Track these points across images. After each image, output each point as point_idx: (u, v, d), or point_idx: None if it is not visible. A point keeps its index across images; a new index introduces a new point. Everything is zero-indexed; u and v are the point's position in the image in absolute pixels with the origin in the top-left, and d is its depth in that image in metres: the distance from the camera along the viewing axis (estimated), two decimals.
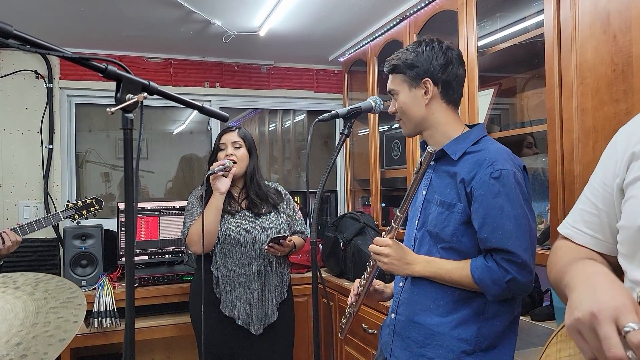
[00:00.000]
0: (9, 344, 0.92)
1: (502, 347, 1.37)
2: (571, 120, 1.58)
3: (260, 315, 2.18)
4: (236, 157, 2.19)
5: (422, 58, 1.43)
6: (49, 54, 0.85)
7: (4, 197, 2.89)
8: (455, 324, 1.37)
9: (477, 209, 1.32)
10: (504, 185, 1.29)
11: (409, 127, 1.49)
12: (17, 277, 1.17)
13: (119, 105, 0.93)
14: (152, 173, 3.43)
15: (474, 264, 1.33)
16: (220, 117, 1.16)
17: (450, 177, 1.40)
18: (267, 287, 2.20)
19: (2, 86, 2.89)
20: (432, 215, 1.42)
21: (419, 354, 1.40)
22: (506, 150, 1.38)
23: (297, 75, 3.53)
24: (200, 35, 2.79)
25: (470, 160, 1.37)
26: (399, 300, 1.50)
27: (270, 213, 2.25)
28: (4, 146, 2.90)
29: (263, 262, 2.20)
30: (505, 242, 1.28)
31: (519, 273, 1.28)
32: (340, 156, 3.60)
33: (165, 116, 3.45)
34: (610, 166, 0.94)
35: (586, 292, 0.75)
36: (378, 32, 2.74)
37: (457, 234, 1.36)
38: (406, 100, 1.45)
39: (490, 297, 1.33)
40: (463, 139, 1.42)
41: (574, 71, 1.56)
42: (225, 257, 2.19)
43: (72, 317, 1.00)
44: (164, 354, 3.12)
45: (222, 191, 2.14)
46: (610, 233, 0.95)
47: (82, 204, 2.45)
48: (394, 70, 1.47)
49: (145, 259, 2.84)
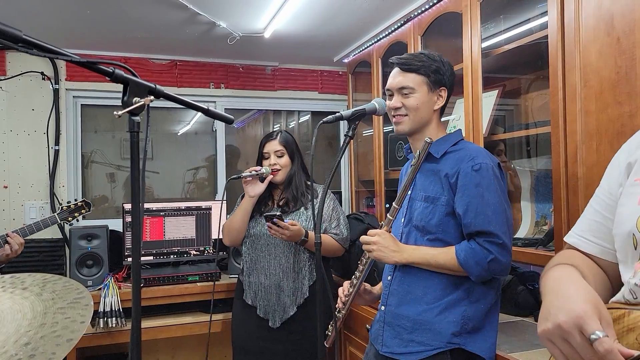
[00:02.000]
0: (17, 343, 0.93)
1: (486, 329, 1.48)
2: (575, 122, 1.58)
3: (278, 309, 2.26)
4: (279, 165, 2.31)
5: (445, 69, 1.57)
6: (58, 58, 0.86)
7: (11, 198, 2.92)
8: (442, 309, 1.48)
9: (460, 197, 1.46)
10: (484, 177, 1.44)
11: (410, 125, 1.57)
12: (25, 278, 1.18)
13: (126, 109, 0.95)
14: (157, 173, 3.45)
15: (459, 247, 1.46)
16: (226, 120, 1.17)
17: (434, 174, 1.54)
18: (284, 282, 2.26)
19: (9, 87, 2.92)
20: (418, 210, 1.54)
21: (409, 339, 1.50)
22: (483, 149, 1.56)
23: (302, 76, 3.54)
24: (206, 37, 2.81)
25: (452, 157, 1.52)
26: (388, 292, 1.60)
27: (298, 211, 2.31)
28: (11, 147, 2.92)
29: (282, 258, 2.27)
30: (487, 225, 1.42)
31: (499, 253, 1.41)
32: (344, 157, 3.61)
33: (170, 117, 3.47)
34: (614, 176, 0.97)
35: (552, 301, 0.79)
36: (382, 33, 2.74)
37: (442, 224, 1.49)
38: (424, 99, 1.55)
39: (473, 278, 1.45)
40: (443, 141, 1.57)
41: (578, 73, 1.57)
42: (249, 250, 2.35)
43: (80, 317, 1.01)
44: (169, 354, 3.14)
45: (251, 195, 2.28)
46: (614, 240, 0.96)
47: (74, 206, 2.51)
48: (417, 70, 1.54)
49: (150, 259, 2.86)
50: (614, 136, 1.45)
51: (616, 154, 1.00)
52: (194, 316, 2.73)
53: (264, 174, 2.25)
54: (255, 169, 2.26)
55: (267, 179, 2.27)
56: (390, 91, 1.59)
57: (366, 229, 2.72)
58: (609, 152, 1.47)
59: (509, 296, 1.98)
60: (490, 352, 1.48)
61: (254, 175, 2.24)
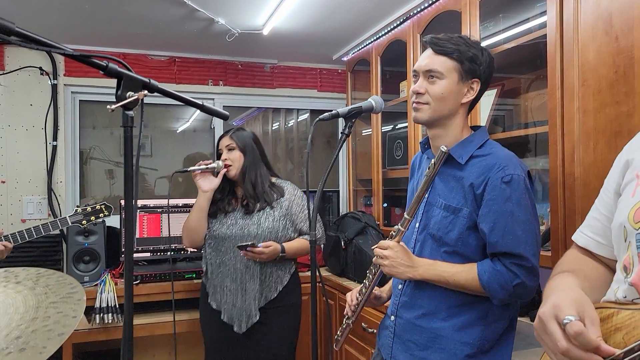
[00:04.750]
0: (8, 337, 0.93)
1: (501, 346, 1.38)
2: (572, 121, 1.58)
3: (243, 313, 2.18)
4: (230, 159, 2.24)
5: (482, 59, 1.39)
6: (51, 51, 0.86)
7: (9, 193, 2.92)
8: (458, 327, 1.36)
9: (486, 213, 1.31)
10: (515, 191, 1.29)
11: (430, 115, 1.40)
12: (19, 272, 1.18)
13: (119, 103, 0.94)
14: (156, 170, 3.45)
15: (481, 267, 1.33)
16: (221, 116, 1.17)
17: (456, 181, 1.38)
18: (248, 286, 2.19)
19: (8, 82, 2.91)
20: (436, 218, 1.40)
21: (421, 357, 1.40)
22: (514, 156, 1.38)
23: (301, 74, 3.53)
24: (204, 34, 2.80)
25: (479, 164, 1.36)
26: (398, 302, 1.49)
27: (264, 210, 2.23)
28: (9, 142, 2.92)
29: (248, 261, 2.19)
30: (515, 246, 1.28)
31: (527, 277, 1.29)
32: (342, 156, 3.61)
33: (169, 114, 3.46)
34: (612, 175, 1.00)
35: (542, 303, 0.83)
36: (382, 31, 2.74)
37: (462, 238, 1.35)
38: (451, 89, 1.37)
39: (496, 302, 1.33)
40: (468, 142, 1.40)
41: (576, 72, 1.56)
42: (213, 252, 2.27)
43: (72, 312, 1.01)
44: (165, 350, 3.14)
45: (204, 189, 2.22)
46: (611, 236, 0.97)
47: (92, 209, 2.44)
48: (450, 54, 1.36)
49: (147, 255, 2.85)
50: (611, 136, 1.45)
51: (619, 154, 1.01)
52: (190, 313, 2.72)
53: (214, 168, 2.20)
54: (205, 162, 2.22)
55: (220, 173, 2.22)
56: (416, 73, 1.42)
57: (363, 228, 2.73)
58: (606, 152, 1.46)
59: None
60: None
61: (204, 169, 2.19)
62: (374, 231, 2.70)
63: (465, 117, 1.43)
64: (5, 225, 2.87)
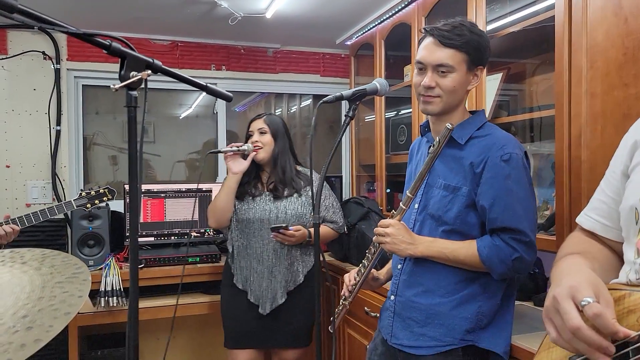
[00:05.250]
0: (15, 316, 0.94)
1: (500, 323, 1.42)
2: (580, 104, 1.56)
3: (269, 296, 2.24)
4: (261, 142, 2.28)
5: (485, 45, 1.41)
6: (54, 29, 0.85)
7: (13, 177, 2.92)
8: (456, 304, 1.40)
9: (486, 190, 1.35)
10: (514, 169, 1.33)
11: (442, 107, 1.42)
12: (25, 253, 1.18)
13: (123, 83, 0.94)
14: (159, 156, 3.45)
15: (481, 243, 1.37)
16: (224, 97, 1.16)
17: (455, 162, 1.42)
18: (276, 269, 2.25)
19: (11, 67, 2.90)
20: (435, 199, 1.44)
21: (420, 333, 1.44)
22: (512, 136, 1.43)
23: (304, 59, 3.51)
24: (207, 17, 2.78)
25: (478, 144, 1.40)
26: (398, 282, 1.52)
27: (292, 196, 2.29)
28: (13, 127, 2.91)
29: (275, 244, 2.25)
30: (515, 222, 1.32)
31: (525, 252, 1.33)
32: (345, 141, 3.59)
33: (172, 99, 3.45)
34: (618, 156, 0.99)
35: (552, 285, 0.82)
36: (386, 14, 2.71)
37: (461, 216, 1.39)
38: (462, 80, 1.39)
39: (495, 276, 1.37)
40: (467, 124, 1.45)
41: (584, 55, 1.54)
42: (240, 234, 2.30)
43: (77, 291, 1.01)
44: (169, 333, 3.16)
45: (234, 171, 2.23)
46: (618, 219, 0.97)
47: (95, 193, 2.47)
48: (459, 46, 1.36)
49: (151, 240, 2.86)
50: (619, 119, 1.44)
51: (625, 135, 1.00)
52: (193, 297, 2.74)
53: (245, 150, 2.23)
54: (237, 144, 2.24)
55: (250, 156, 2.24)
56: (422, 65, 1.42)
57: (366, 213, 2.72)
58: (614, 135, 1.45)
59: None
60: (505, 347, 1.42)
61: (235, 151, 2.22)
62: (377, 216, 2.69)
63: (464, 102, 1.49)
64: (10, 209, 2.88)
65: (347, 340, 2.61)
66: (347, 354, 2.62)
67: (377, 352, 1.59)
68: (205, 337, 3.19)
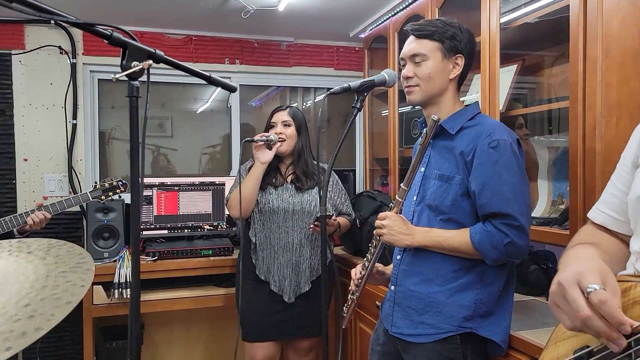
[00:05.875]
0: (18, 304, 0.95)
1: (499, 312, 1.44)
2: (594, 95, 1.52)
3: (293, 285, 2.28)
4: (285, 135, 2.30)
5: (462, 36, 1.48)
6: (53, 19, 0.85)
7: (31, 170, 2.97)
8: (454, 291, 1.43)
9: (476, 176, 1.39)
10: (502, 155, 1.37)
11: (424, 95, 1.49)
12: (31, 243, 1.20)
13: (124, 72, 0.94)
14: (175, 150, 3.48)
15: (473, 229, 1.40)
16: (228, 88, 1.16)
17: (448, 152, 1.47)
18: (301, 259, 2.29)
19: (28, 61, 2.95)
20: (431, 189, 1.48)
21: (419, 321, 1.47)
22: (502, 124, 1.47)
23: (317, 52, 3.49)
24: (220, 11, 2.78)
25: (468, 133, 1.45)
26: (397, 272, 1.56)
27: (313, 189, 2.32)
28: (30, 120, 2.96)
29: (299, 234, 2.29)
30: (503, 206, 1.35)
31: (516, 236, 1.35)
32: (359, 135, 3.58)
33: (187, 94, 3.47)
34: (630, 149, 0.96)
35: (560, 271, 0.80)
36: (399, 6, 2.67)
37: (456, 204, 1.43)
38: (437, 68, 1.47)
39: (488, 262, 1.39)
40: (459, 115, 1.49)
41: (599, 44, 1.50)
42: (263, 225, 2.32)
43: (80, 281, 1.02)
44: (184, 325, 3.19)
45: (262, 161, 2.25)
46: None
47: (109, 185, 2.53)
48: (430, 36, 1.46)
49: (165, 232, 2.89)
50: (635, 109, 1.39)
51: (637, 126, 0.97)
52: (206, 289, 2.76)
53: (272, 140, 2.24)
54: (265, 134, 2.26)
55: (275, 147, 2.25)
56: (404, 60, 1.53)
57: (379, 207, 2.70)
58: (629, 127, 1.40)
59: (520, 275, 1.95)
60: (504, 336, 1.44)
61: (265, 141, 2.23)
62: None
63: (455, 92, 1.52)
64: (27, 202, 2.94)
65: (359, 334, 2.60)
66: (359, 348, 2.61)
67: (378, 342, 1.63)
68: (219, 329, 3.22)
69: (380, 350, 1.63)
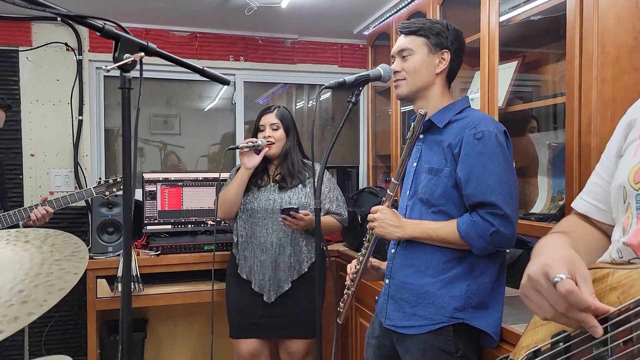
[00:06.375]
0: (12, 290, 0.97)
1: (491, 304, 1.46)
2: (590, 91, 1.52)
3: (273, 284, 2.26)
4: (274, 138, 2.29)
5: (448, 32, 1.52)
6: (45, 11, 0.87)
7: (37, 166, 3.02)
8: (445, 283, 1.45)
9: (462, 168, 1.42)
10: (486, 145, 1.39)
11: (409, 88, 1.54)
12: (29, 232, 1.23)
13: (116, 64, 0.96)
14: (182, 148, 3.51)
15: (460, 220, 1.43)
16: (222, 81, 1.18)
17: (437, 145, 1.50)
18: (280, 258, 2.26)
19: (35, 58, 2.99)
20: (422, 183, 1.50)
21: (412, 313, 1.49)
22: (489, 116, 1.51)
23: (322, 50, 3.50)
24: (223, 8, 2.80)
25: (455, 126, 1.48)
26: (392, 265, 1.58)
27: (297, 187, 2.31)
28: (37, 116, 3.01)
29: (279, 233, 2.27)
30: (488, 195, 1.37)
31: (502, 225, 1.36)
32: (362, 132, 3.59)
33: (192, 91, 3.49)
34: (614, 138, 0.98)
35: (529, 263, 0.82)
36: (402, 3, 2.68)
37: (446, 196, 1.46)
38: (422, 61, 1.51)
39: (476, 251, 1.41)
40: (448, 109, 1.53)
41: (595, 39, 1.50)
42: (244, 224, 2.33)
43: (74, 269, 1.04)
44: (187, 320, 3.22)
45: (248, 167, 2.26)
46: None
47: (113, 181, 2.56)
48: (416, 32, 1.52)
49: (168, 227, 2.92)
50: (629, 105, 1.37)
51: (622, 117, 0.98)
52: (208, 284, 2.78)
53: (259, 146, 2.25)
54: (252, 140, 2.26)
55: (263, 152, 2.26)
56: (394, 57, 1.58)
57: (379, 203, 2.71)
58: None
59: (517, 270, 1.94)
60: (495, 328, 1.46)
61: (250, 147, 2.24)
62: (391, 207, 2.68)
63: (443, 87, 1.55)
64: (34, 196, 2.99)
65: (359, 329, 2.62)
66: (359, 343, 2.62)
67: (374, 335, 1.65)
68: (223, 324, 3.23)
69: (375, 343, 1.65)
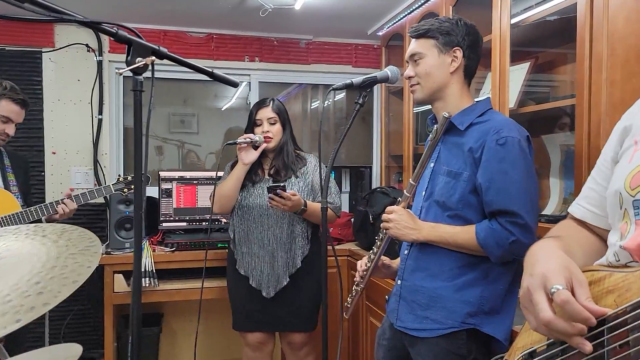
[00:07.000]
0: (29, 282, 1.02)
1: (503, 310, 1.43)
2: (600, 93, 1.52)
3: (271, 279, 2.28)
4: (272, 132, 2.30)
5: (457, 29, 1.49)
6: (62, 18, 0.92)
7: (58, 163, 3.11)
8: (458, 287, 1.43)
9: (482, 173, 1.39)
10: (509, 152, 1.36)
11: (425, 92, 1.52)
12: (47, 227, 1.28)
13: (128, 67, 1.00)
14: (199, 146, 3.57)
15: (479, 226, 1.40)
16: (230, 83, 1.21)
17: (457, 148, 1.46)
18: (277, 253, 2.28)
19: (57, 59, 3.08)
20: (439, 185, 1.47)
21: (423, 316, 1.47)
22: (512, 121, 1.45)
23: (336, 50, 3.53)
24: (238, 9, 2.85)
25: (478, 130, 1.45)
26: (404, 267, 1.56)
27: (290, 179, 2.31)
28: (58, 115, 3.10)
29: (275, 230, 2.29)
30: (509, 204, 1.34)
31: (522, 234, 1.34)
32: (376, 132, 3.60)
33: (208, 90, 3.55)
34: (609, 143, 0.98)
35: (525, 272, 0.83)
36: (415, 4, 2.69)
37: (463, 201, 1.42)
38: (433, 64, 1.49)
39: (493, 259, 1.38)
40: (470, 111, 1.49)
41: (605, 42, 1.49)
42: (240, 220, 2.35)
43: (88, 262, 1.09)
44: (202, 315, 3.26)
45: (245, 162, 2.27)
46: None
47: (131, 178, 2.61)
48: (425, 34, 1.50)
49: (184, 225, 2.98)
50: None
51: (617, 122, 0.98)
52: (222, 280, 2.83)
53: (257, 141, 2.25)
54: (250, 136, 2.26)
55: (261, 147, 2.27)
56: (408, 63, 1.57)
57: (392, 203, 2.72)
58: None
59: None
60: (506, 334, 1.44)
61: (248, 143, 2.24)
62: None
63: (461, 86, 1.52)
64: (55, 193, 3.08)
65: (370, 329, 2.64)
66: (370, 342, 2.64)
67: (384, 336, 1.64)
68: None
69: (386, 345, 1.64)
